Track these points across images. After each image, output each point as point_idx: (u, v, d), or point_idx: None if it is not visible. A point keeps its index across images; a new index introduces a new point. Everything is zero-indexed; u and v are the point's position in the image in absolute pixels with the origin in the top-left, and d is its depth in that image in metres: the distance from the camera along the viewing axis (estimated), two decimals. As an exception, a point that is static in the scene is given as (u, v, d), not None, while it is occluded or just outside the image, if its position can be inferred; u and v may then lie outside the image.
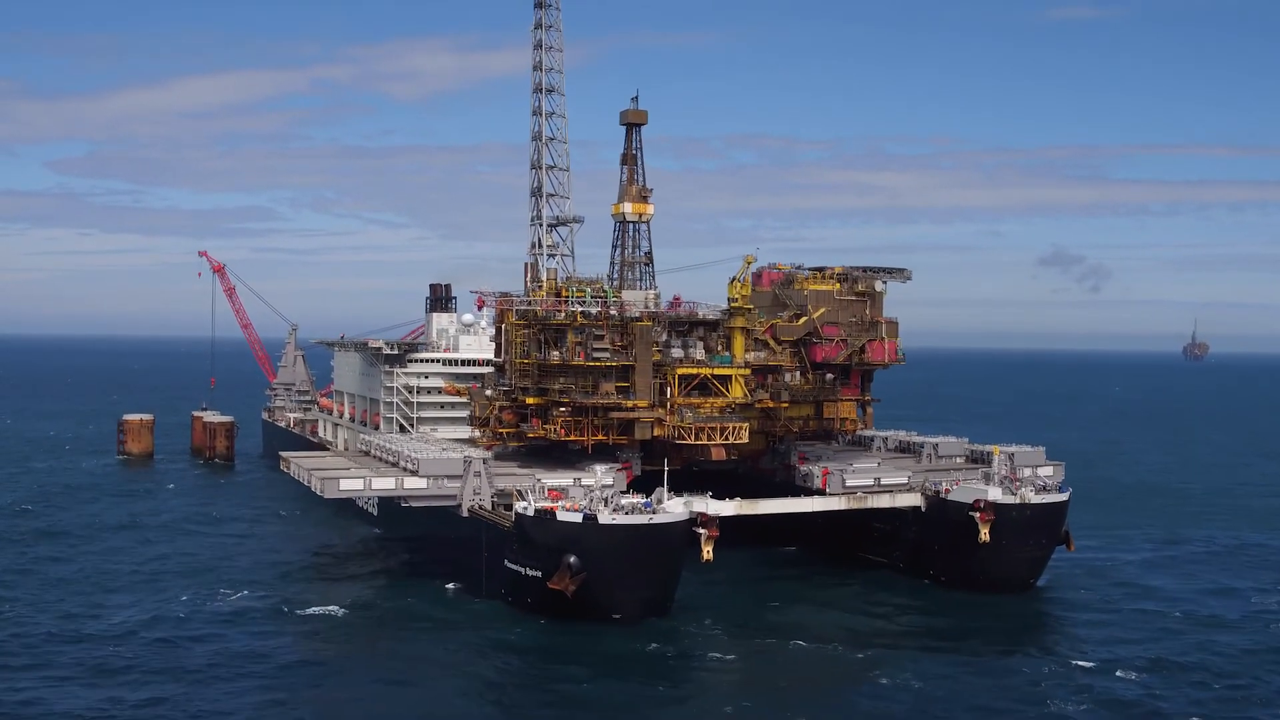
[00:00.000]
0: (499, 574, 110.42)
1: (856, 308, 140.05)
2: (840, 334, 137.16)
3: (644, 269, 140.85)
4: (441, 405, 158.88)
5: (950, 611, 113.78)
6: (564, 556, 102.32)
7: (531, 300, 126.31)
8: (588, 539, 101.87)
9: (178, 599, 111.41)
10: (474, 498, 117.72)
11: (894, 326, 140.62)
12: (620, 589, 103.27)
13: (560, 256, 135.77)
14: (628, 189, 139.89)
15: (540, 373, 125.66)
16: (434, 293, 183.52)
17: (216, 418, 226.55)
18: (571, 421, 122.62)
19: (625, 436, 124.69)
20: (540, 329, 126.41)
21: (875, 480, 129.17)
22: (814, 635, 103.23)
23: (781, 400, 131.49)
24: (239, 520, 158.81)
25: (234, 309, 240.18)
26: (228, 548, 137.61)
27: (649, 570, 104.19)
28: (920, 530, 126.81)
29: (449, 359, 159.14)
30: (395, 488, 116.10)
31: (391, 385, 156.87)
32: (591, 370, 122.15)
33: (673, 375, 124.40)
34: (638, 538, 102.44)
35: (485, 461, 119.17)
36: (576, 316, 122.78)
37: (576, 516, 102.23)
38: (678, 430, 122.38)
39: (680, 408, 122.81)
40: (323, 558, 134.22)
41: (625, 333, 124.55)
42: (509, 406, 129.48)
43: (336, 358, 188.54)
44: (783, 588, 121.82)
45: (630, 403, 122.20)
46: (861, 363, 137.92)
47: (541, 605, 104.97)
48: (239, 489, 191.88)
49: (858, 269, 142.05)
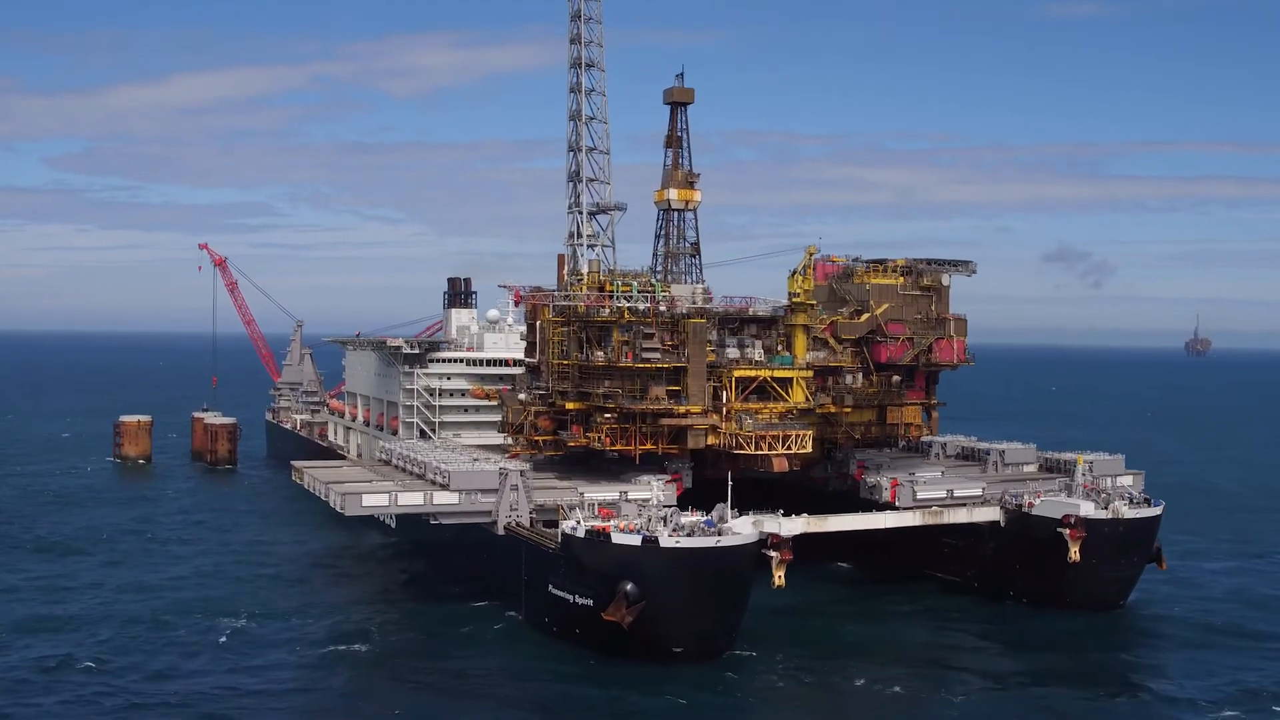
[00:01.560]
0: (541, 600, 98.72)
1: (922, 303, 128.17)
2: (906, 332, 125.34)
3: (690, 261, 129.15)
4: (465, 409, 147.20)
5: (1035, 639, 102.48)
6: (619, 584, 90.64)
7: (572, 295, 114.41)
8: (647, 564, 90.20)
9: (176, 631, 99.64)
10: (510, 514, 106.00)
11: (962, 324, 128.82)
12: (683, 621, 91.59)
13: (600, 247, 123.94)
14: (672, 173, 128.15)
15: (581, 375, 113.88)
16: (452, 287, 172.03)
17: (218, 419, 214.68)
18: (618, 429, 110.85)
19: (676, 445, 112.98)
20: (581, 327, 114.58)
21: (948, 492, 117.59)
22: (897, 669, 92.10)
23: (844, 405, 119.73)
24: (243, 533, 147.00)
25: (236, 304, 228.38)
26: (232, 568, 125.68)
27: (715, 599, 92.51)
28: (999, 547, 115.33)
29: (473, 359, 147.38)
30: (424, 504, 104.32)
31: (411, 387, 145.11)
32: (640, 372, 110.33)
33: (728, 378, 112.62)
34: (703, 563, 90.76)
35: (523, 474, 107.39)
36: (624, 313, 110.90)
37: (634, 539, 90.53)
38: (736, 439, 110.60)
39: (738, 414, 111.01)
40: (338, 579, 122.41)
41: (676, 331, 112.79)
42: (546, 412, 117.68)
43: (348, 357, 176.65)
44: (853, 613, 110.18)
45: (682, 408, 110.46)
46: (929, 363, 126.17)
47: (592, 637, 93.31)
48: (242, 496, 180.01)
49: (922, 261, 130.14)
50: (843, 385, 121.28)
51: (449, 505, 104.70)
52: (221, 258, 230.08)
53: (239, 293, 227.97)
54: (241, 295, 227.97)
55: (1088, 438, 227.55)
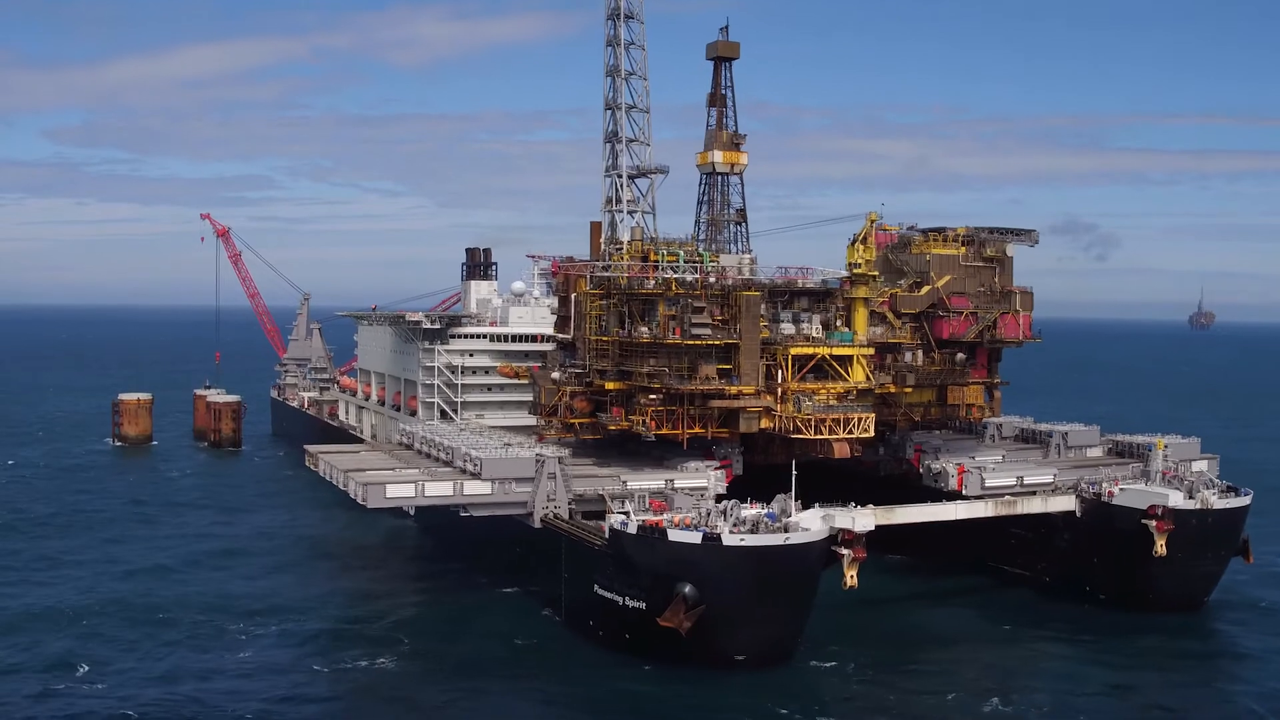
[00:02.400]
0: (585, 600, 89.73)
1: (985, 275, 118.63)
2: (969, 306, 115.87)
3: (736, 229, 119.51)
4: (489, 388, 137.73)
5: (1119, 642, 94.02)
6: (677, 586, 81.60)
7: (613, 265, 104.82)
8: (708, 564, 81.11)
9: (182, 631, 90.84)
10: (548, 505, 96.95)
11: (1028, 298, 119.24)
12: (746, 626, 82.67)
13: (641, 214, 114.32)
14: (716, 134, 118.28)
15: (622, 352, 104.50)
16: (471, 258, 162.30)
17: (221, 397, 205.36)
18: (663, 411, 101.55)
19: (726, 429, 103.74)
20: (623, 300, 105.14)
21: (1018, 479, 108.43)
22: (974, 676, 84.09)
23: (906, 384, 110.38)
24: (251, 521, 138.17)
25: (240, 277, 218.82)
26: (240, 560, 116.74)
27: (781, 602, 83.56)
28: (1074, 539, 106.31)
29: (498, 334, 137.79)
30: (454, 494, 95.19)
31: (431, 364, 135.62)
32: (688, 350, 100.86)
33: (783, 356, 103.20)
34: (770, 563, 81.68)
35: (561, 461, 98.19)
36: (671, 285, 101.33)
37: (694, 536, 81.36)
38: (793, 422, 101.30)
39: (796, 395, 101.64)
40: (353, 575, 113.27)
41: (726, 305, 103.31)
42: (583, 392, 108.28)
43: (361, 332, 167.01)
44: (918, 611, 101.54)
45: (734, 388, 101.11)
46: (994, 339, 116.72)
47: (644, 644, 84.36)
48: (248, 479, 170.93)
49: (984, 230, 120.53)
50: (903, 363, 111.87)
51: (481, 496, 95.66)
52: (225, 228, 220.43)
53: (243, 264, 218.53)
54: (245, 267, 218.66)
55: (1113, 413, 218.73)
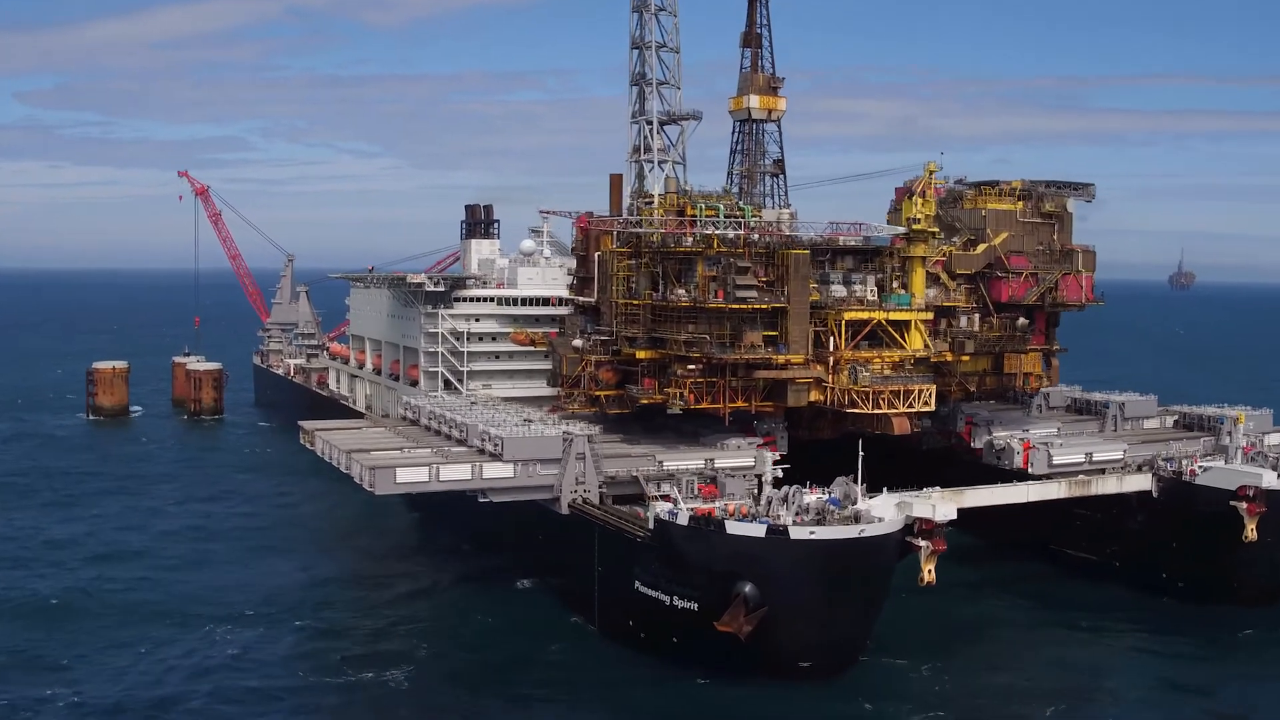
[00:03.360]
0: (623, 599, 79.67)
1: (1043, 233, 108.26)
2: (1029, 266, 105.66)
3: (773, 181, 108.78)
4: (496, 355, 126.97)
5: (1198, 635, 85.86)
6: (736, 585, 71.60)
7: (647, 220, 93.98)
8: (773, 560, 71.07)
9: (163, 648, 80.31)
10: (576, 489, 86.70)
11: (1090, 257, 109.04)
12: (812, 629, 72.84)
13: (671, 164, 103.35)
14: (752, 77, 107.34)
15: (655, 317, 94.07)
16: (472, 215, 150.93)
17: (202, 365, 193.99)
18: (703, 383, 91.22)
19: (771, 402, 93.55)
20: (656, 259, 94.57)
21: (1087, 456, 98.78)
22: (1055, 678, 75.69)
23: (964, 351, 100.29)
24: (233, 499, 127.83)
25: (220, 237, 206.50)
26: (222, 552, 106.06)
27: (852, 602, 73.70)
28: (1149, 522, 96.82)
29: (507, 297, 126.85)
30: (472, 478, 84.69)
31: (435, 330, 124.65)
32: (731, 315, 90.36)
33: (835, 321, 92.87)
34: (842, 558, 71.69)
35: (591, 440, 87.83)
36: (713, 242, 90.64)
37: (756, 529, 71.18)
38: (848, 395, 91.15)
39: (852, 365, 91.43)
40: (351, 565, 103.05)
41: (772, 264, 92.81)
42: (609, 362, 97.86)
43: (354, 295, 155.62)
44: (983, 600, 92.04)
45: (782, 357, 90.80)
46: (1055, 303, 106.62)
47: (695, 650, 74.46)
48: (231, 453, 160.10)
49: (1041, 183, 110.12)
50: (959, 329, 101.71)
51: (502, 480, 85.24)
52: (203, 186, 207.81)
53: (223, 224, 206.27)
54: (226, 227, 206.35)
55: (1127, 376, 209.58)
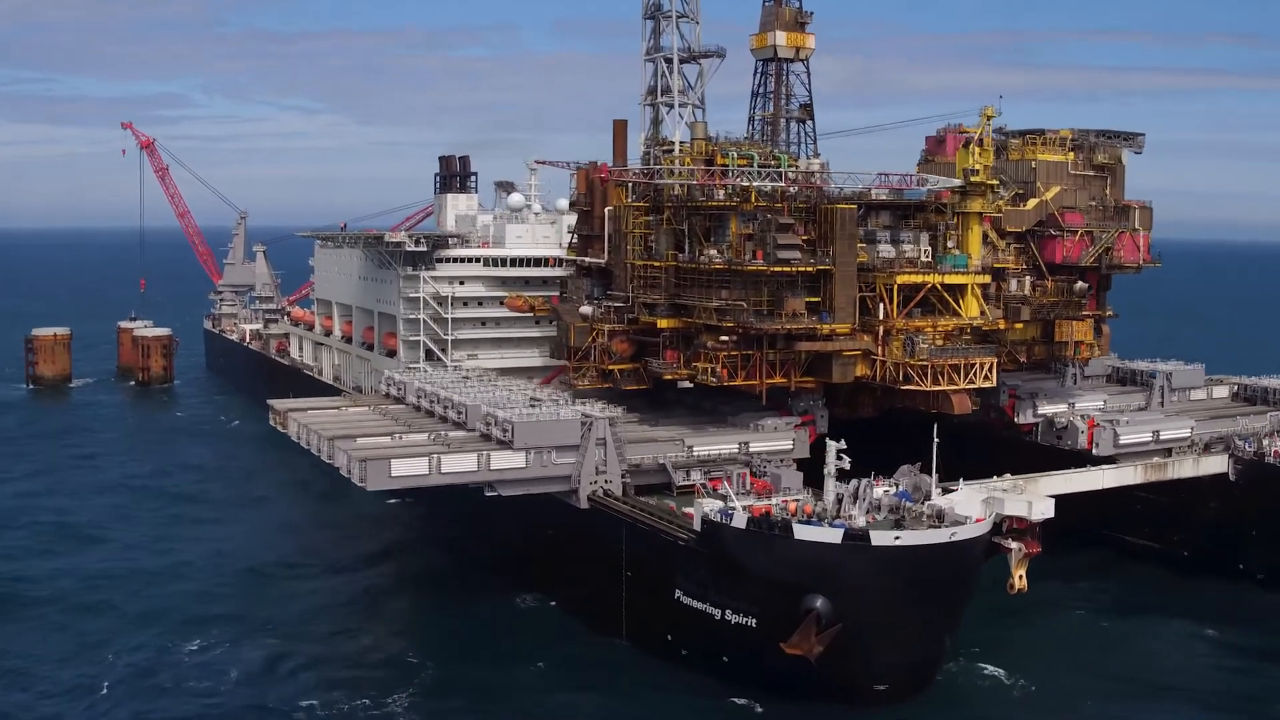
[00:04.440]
0: (660, 611, 68.79)
1: (1095, 187, 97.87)
2: (1083, 223, 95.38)
3: (800, 127, 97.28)
4: (483, 322, 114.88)
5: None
6: (806, 599, 60.91)
7: (672, 169, 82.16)
8: (851, 571, 60.40)
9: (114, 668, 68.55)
10: (596, 479, 75.55)
11: (1147, 214, 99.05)
12: (890, 647, 62.46)
13: (691, 108, 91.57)
14: (777, 11, 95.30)
15: (679, 281, 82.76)
16: (447, 167, 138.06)
17: (149, 330, 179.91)
18: (738, 357, 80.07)
19: (812, 378, 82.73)
20: (681, 215, 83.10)
21: (1154, 434, 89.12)
22: (1145, 679, 67.21)
23: (1020, 318, 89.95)
24: (189, 480, 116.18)
25: (168, 193, 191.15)
26: (178, 549, 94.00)
27: (935, 615, 63.40)
28: (1224, 507, 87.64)
29: (495, 257, 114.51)
30: (478, 469, 73.16)
31: (416, 295, 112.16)
32: (770, 279, 79.08)
33: (884, 285, 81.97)
34: (927, 565, 61.21)
35: (613, 423, 76.54)
36: (751, 195, 79.11)
37: (832, 534, 60.37)
38: (902, 369, 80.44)
39: (909, 336, 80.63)
40: (329, 562, 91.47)
41: (813, 221, 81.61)
42: (624, 332, 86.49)
43: (319, 255, 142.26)
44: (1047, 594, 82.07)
45: (827, 327, 79.85)
46: (1112, 264, 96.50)
47: (752, 672, 63.87)
48: (184, 427, 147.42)
49: (1092, 132, 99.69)
50: (1010, 294, 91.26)
51: (513, 470, 73.83)
52: (149, 139, 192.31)
53: (170, 179, 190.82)
54: (174, 182, 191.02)
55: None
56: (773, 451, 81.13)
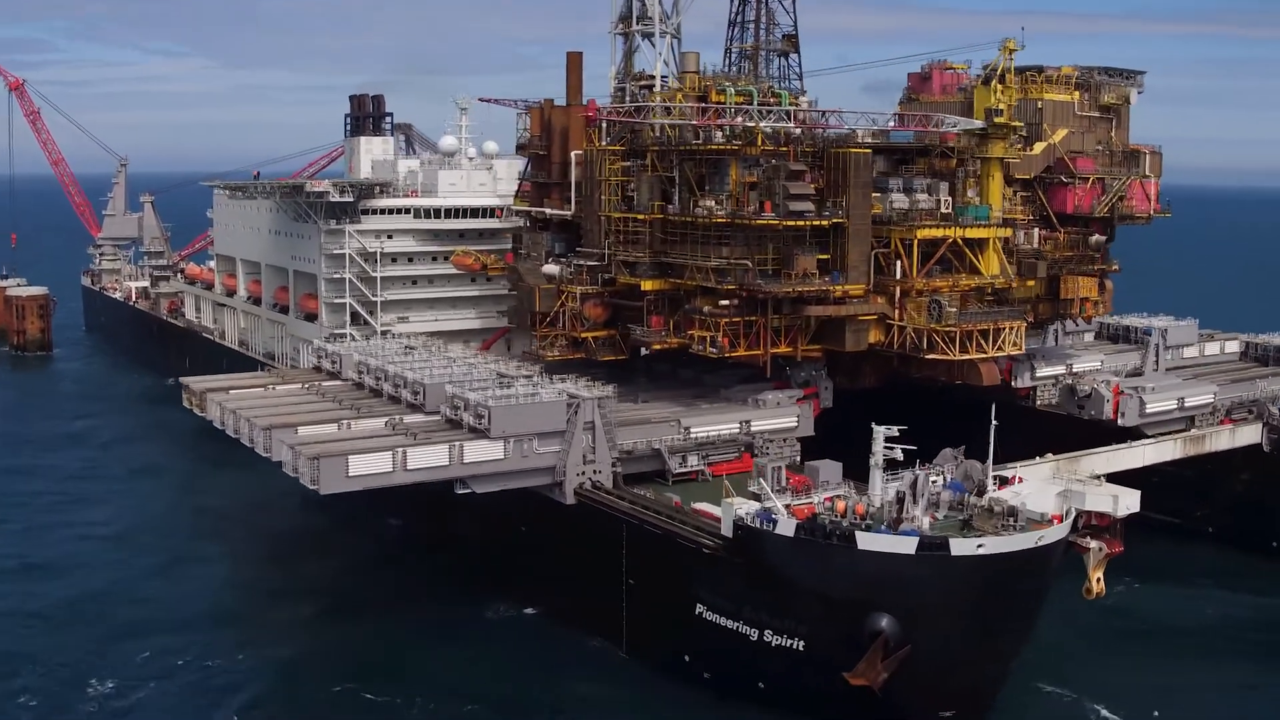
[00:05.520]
0: (675, 627, 58.49)
1: (1101, 130, 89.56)
2: (1094, 169, 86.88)
3: (783, 62, 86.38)
4: (414, 280, 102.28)
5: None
6: (870, 620, 51.15)
7: (660, 107, 70.64)
8: (925, 585, 50.72)
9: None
10: (584, 469, 64.65)
11: (1158, 160, 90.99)
12: (963, 670, 53.26)
13: (670, 39, 79.93)
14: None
15: (665, 237, 71.80)
16: (359, 108, 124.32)
17: (24, 290, 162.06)
18: (740, 323, 69.55)
19: (819, 345, 72.76)
20: (669, 160, 71.91)
21: (1178, 402, 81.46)
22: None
23: (1035, 275, 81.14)
24: (79, 460, 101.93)
25: (40, 140, 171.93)
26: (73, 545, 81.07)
27: (1008, 630, 54.28)
28: (1256, 480, 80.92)
29: (427, 208, 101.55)
30: (450, 463, 61.58)
31: (340, 251, 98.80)
32: (776, 234, 68.49)
33: (900, 240, 72.07)
34: (1008, 575, 51.89)
35: (601, 404, 65.53)
36: (757, 138, 68.10)
37: (904, 543, 50.42)
38: (925, 336, 70.85)
39: (933, 298, 70.93)
40: (255, 562, 79.07)
41: (822, 167, 71.13)
42: (599, 295, 75.30)
43: (221, 208, 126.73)
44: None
45: (839, 288, 69.76)
46: (1124, 214, 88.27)
47: (795, 699, 54.05)
48: (68, 398, 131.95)
49: (1096, 70, 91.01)
50: (1020, 247, 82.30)
51: (489, 463, 62.43)
52: (18, 80, 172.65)
53: (43, 124, 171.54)
54: (46, 127, 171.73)
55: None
56: (776, 430, 71.29)
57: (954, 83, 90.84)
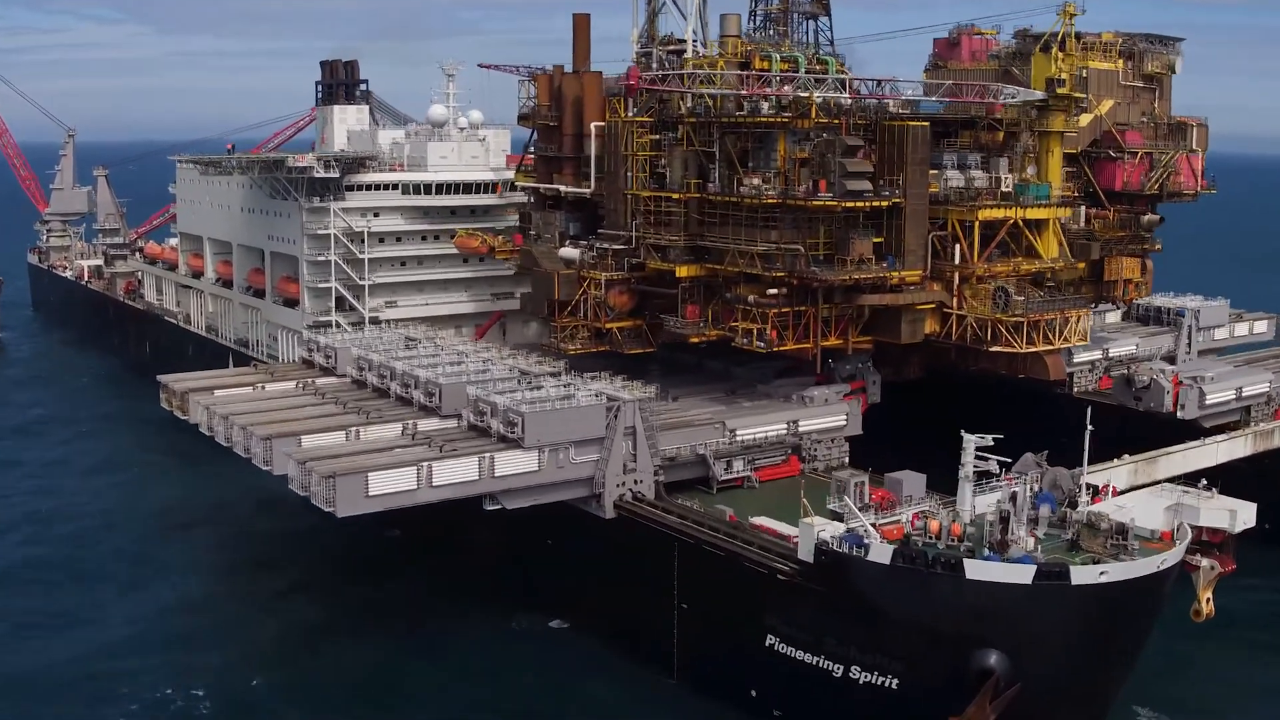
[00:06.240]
0: (739, 658, 52.38)
1: (1145, 100, 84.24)
2: (1142, 144, 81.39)
3: (812, 24, 79.68)
4: (402, 262, 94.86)
5: None
6: (978, 656, 45.36)
7: (697, 75, 63.75)
8: (1042, 618, 44.98)
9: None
10: (623, 480, 58.26)
11: (1204, 133, 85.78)
12: (1071, 707, 47.78)
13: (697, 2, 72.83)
14: (788, -123, 77.16)
15: (702, 218, 65.26)
16: (330, 74, 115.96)
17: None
18: (789, 314, 63.27)
19: (870, 337, 66.75)
20: (708, 134, 65.24)
21: (1236, 391, 76.52)
22: None
23: (1088, 256, 75.63)
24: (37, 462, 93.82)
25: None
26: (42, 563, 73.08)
27: (1120, 663, 48.76)
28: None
29: (418, 183, 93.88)
30: (480, 477, 54.88)
31: (324, 231, 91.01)
32: (829, 216, 62.14)
33: (959, 221, 66.04)
34: (1127, 603, 46.27)
35: (643, 407, 59.05)
36: (811, 110, 61.48)
37: (1020, 572, 44.51)
38: (989, 327, 64.97)
39: (1000, 286, 64.97)
40: (249, 571, 71.68)
41: (875, 142, 64.82)
42: (625, 281, 68.65)
43: (185, 184, 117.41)
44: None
45: (896, 275, 63.68)
46: (1172, 191, 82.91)
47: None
48: (21, 389, 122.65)
49: (1138, 36, 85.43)
50: (1069, 227, 76.65)
51: (523, 476, 55.83)
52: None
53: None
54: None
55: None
56: (824, 430, 65.38)
57: (983, 48, 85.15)
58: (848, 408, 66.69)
